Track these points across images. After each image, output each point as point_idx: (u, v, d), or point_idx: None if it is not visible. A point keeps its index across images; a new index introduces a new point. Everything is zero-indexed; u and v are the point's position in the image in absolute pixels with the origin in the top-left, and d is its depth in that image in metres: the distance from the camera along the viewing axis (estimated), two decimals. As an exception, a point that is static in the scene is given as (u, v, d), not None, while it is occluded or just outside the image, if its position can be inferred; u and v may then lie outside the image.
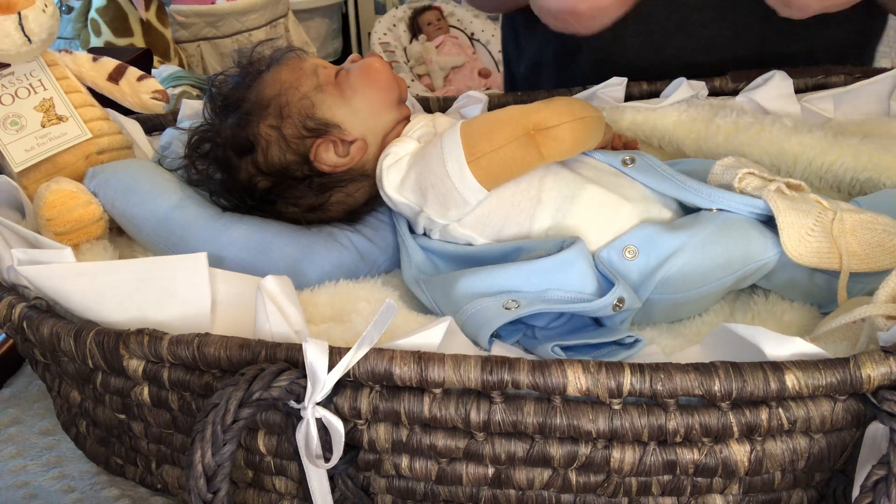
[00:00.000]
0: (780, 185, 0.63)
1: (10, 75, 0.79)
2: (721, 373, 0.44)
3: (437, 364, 0.46)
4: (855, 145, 0.73)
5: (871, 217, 0.61)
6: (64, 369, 0.59)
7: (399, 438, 0.48)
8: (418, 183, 0.66)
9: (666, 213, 0.67)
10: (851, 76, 0.85)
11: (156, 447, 0.59)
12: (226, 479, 0.45)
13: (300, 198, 0.73)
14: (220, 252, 0.69)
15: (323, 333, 0.60)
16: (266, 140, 0.72)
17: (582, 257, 0.61)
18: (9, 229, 0.64)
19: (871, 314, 0.50)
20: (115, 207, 0.74)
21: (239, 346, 0.49)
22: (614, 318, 0.61)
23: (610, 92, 0.87)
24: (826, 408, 0.45)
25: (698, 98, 0.85)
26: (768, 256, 0.62)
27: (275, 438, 0.52)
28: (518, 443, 0.47)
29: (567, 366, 0.45)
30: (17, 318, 0.57)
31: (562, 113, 0.65)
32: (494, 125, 0.65)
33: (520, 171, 0.65)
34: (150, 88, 0.87)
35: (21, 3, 0.74)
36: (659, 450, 0.46)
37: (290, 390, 0.46)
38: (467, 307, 0.60)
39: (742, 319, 0.64)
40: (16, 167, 0.76)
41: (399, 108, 0.74)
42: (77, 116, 0.79)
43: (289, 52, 0.76)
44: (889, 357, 0.44)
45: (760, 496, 0.49)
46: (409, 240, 0.70)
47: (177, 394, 0.53)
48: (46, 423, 0.71)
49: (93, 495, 0.63)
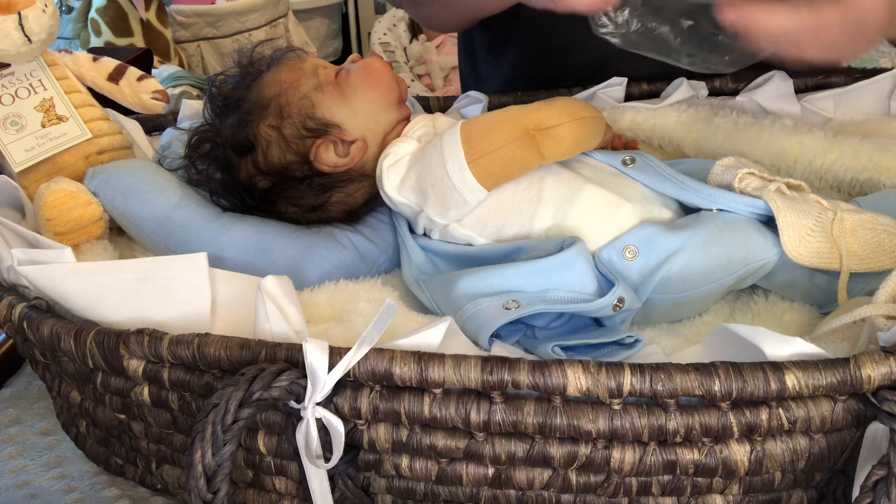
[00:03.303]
0: (780, 186, 0.63)
1: (11, 75, 0.79)
2: (721, 373, 0.44)
3: (437, 364, 0.46)
4: (855, 145, 0.73)
5: (871, 217, 0.61)
6: (64, 369, 0.59)
7: (399, 438, 0.48)
8: (418, 183, 0.66)
9: (666, 214, 0.67)
10: (851, 76, 0.85)
11: (156, 447, 0.59)
12: (226, 479, 0.45)
13: (300, 198, 0.73)
14: (220, 252, 0.69)
15: (323, 333, 0.60)
16: (266, 140, 0.72)
17: (582, 257, 0.61)
18: (9, 229, 0.64)
19: (871, 314, 0.50)
20: (115, 207, 0.74)
21: (239, 346, 0.49)
22: (614, 319, 0.61)
23: (610, 92, 0.87)
24: (826, 408, 0.45)
25: (698, 98, 0.85)
26: (768, 257, 0.62)
27: (275, 438, 0.52)
28: (518, 443, 0.47)
29: (567, 366, 0.45)
30: (17, 318, 0.57)
31: (562, 113, 0.65)
32: (494, 125, 0.65)
33: (520, 172, 0.65)
34: (150, 88, 0.87)
35: (21, 3, 0.74)
36: (659, 450, 0.46)
37: (290, 390, 0.46)
38: (467, 307, 0.60)
39: (742, 319, 0.64)
40: (16, 167, 0.76)
41: (399, 108, 0.74)
42: (77, 116, 0.79)
43: (289, 52, 0.76)
44: (889, 357, 0.44)
45: (760, 496, 0.49)
46: (409, 240, 0.70)
47: (177, 394, 0.53)
48: (46, 423, 0.71)
49: (93, 495, 0.63)
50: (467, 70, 1.12)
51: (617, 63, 0.87)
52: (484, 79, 1.07)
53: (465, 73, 1.13)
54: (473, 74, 1.10)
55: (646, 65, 0.88)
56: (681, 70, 0.85)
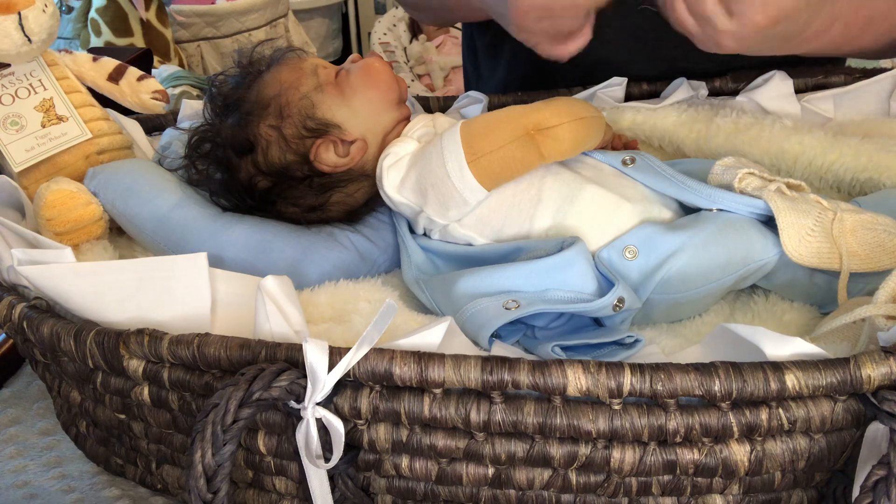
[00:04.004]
0: (780, 186, 0.63)
1: (10, 75, 0.79)
2: (721, 373, 0.44)
3: (437, 364, 0.46)
4: (855, 145, 0.73)
5: (872, 217, 0.61)
6: (64, 369, 0.59)
7: (399, 438, 0.48)
8: (418, 183, 0.66)
9: (666, 213, 0.67)
10: (851, 76, 0.85)
11: (156, 447, 0.59)
12: (226, 479, 0.45)
13: (300, 198, 0.73)
14: (220, 252, 0.69)
15: (323, 333, 0.60)
16: (266, 140, 0.72)
17: (582, 257, 0.61)
18: (9, 229, 0.64)
19: (871, 314, 0.50)
20: (115, 207, 0.74)
21: (239, 346, 0.49)
22: (614, 318, 0.61)
23: (610, 92, 0.87)
24: (826, 408, 0.45)
25: (698, 98, 0.85)
26: (768, 256, 0.62)
27: (275, 438, 0.52)
28: (518, 443, 0.47)
29: (567, 366, 0.45)
30: (17, 318, 0.57)
31: (562, 113, 0.65)
32: (494, 125, 0.65)
33: (520, 172, 0.65)
34: (150, 88, 0.87)
35: (21, 3, 0.74)
36: (659, 450, 0.46)
37: (290, 390, 0.46)
38: (467, 307, 0.60)
39: (742, 319, 0.64)
40: (16, 167, 0.76)
41: (399, 108, 0.74)
42: (77, 116, 0.79)
43: (289, 52, 0.76)
44: (889, 357, 0.44)
45: (760, 496, 0.49)
46: (409, 240, 0.70)
47: (177, 394, 0.53)
48: (46, 423, 0.71)
49: (93, 495, 0.63)
50: (470, 70, 1.12)
51: (617, 63, 0.87)
52: (485, 79, 1.07)
53: (468, 73, 1.14)
54: (475, 74, 1.10)
55: (646, 65, 0.88)
56: (681, 70, 0.85)
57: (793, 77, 0.83)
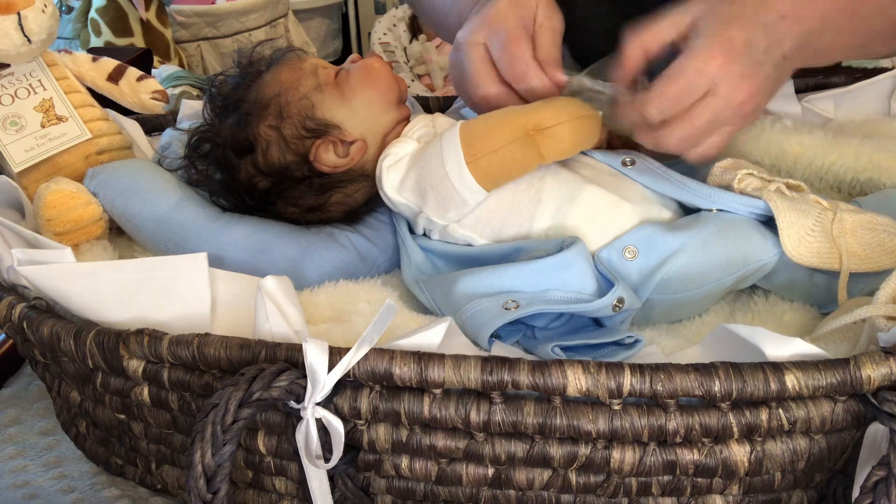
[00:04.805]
0: (780, 186, 0.63)
1: (10, 75, 0.79)
2: (721, 373, 0.44)
3: (437, 364, 0.46)
4: (855, 146, 0.73)
5: (871, 217, 0.61)
6: (64, 369, 0.59)
7: (399, 439, 0.48)
8: (418, 183, 0.66)
9: (666, 214, 0.67)
10: (852, 76, 0.85)
11: (156, 447, 0.59)
12: (226, 479, 0.45)
13: (300, 198, 0.73)
14: (219, 252, 0.69)
15: (323, 333, 0.60)
16: (266, 140, 0.72)
17: (582, 257, 0.61)
18: (9, 229, 0.64)
19: (871, 314, 0.50)
20: (114, 207, 0.74)
21: (239, 346, 0.49)
22: (614, 319, 0.61)
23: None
24: (826, 408, 0.45)
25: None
26: (768, 257, 0.62)
27: (275, 439, 0.52)
28: (518, 443, 0.47)
29: (567, 366, 0.45)
30: (17, 318, 0.57)
31: (561, 112, 0.65)
32: (494, 125, 0.65)
33: (519, 172, 0.65)
34: (150, 88, 0.87)
35: (21, 3, 0.74)
36: (659, 450, 0.46)
37: (290, 390, 0.46)
38: (467, 307, 0.60)
39: (742, 319, 0.64)
40: (16, 167, 0.76)
41: (399, 108, 0.74)
42: (77, 117, 0.79)
43: (289, 53, 0.76)
44: (889, 358, 0.44)
45: (760, 497, 0.49)
46: (408, 240, 0.70)
47: (177, 394, 0.53)
48: (46, 423, 0.71)
49: (93, 495, 0.63)
50: None
51: None
52: None
53: None
54: None
55: None
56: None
57: (793, 77, 0.83)
